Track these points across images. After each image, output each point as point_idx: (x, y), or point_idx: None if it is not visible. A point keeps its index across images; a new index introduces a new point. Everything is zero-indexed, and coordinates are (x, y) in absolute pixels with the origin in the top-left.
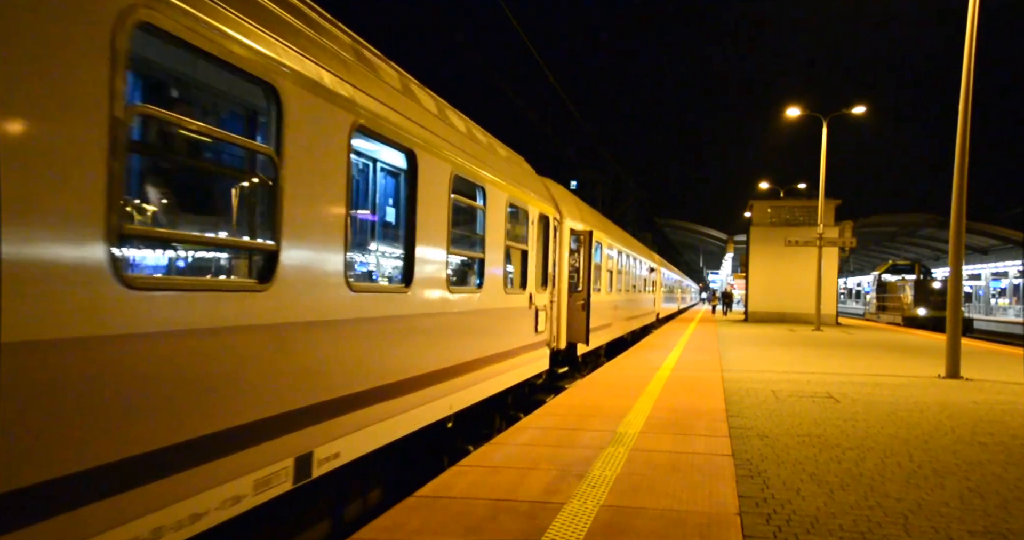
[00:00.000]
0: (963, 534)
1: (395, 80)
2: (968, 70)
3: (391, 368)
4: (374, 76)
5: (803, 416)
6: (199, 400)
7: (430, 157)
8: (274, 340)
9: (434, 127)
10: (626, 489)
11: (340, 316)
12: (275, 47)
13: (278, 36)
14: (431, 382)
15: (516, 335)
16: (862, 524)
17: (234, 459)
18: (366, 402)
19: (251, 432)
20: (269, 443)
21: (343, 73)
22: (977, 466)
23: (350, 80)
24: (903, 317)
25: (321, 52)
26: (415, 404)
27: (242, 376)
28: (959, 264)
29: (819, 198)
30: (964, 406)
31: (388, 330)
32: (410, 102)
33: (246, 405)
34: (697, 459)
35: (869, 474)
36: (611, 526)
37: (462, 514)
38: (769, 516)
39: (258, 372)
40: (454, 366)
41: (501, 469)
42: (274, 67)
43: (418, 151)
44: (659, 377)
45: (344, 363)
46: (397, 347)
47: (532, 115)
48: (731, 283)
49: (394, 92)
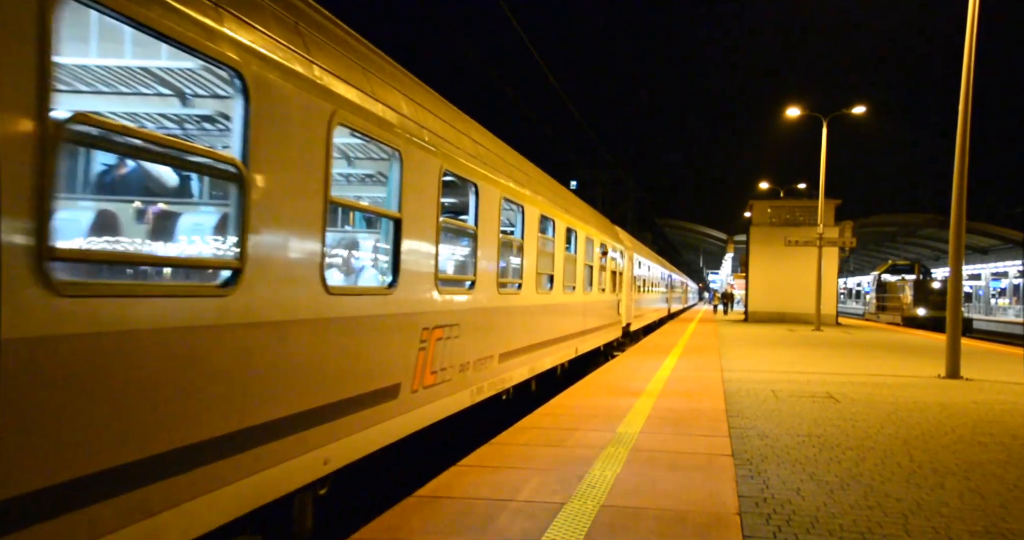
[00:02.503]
0: (963, 534)
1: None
2: (968, 70)
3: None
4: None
5: (803, 416)
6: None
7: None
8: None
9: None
10: (626, 489)
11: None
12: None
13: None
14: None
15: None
16: (862, 524)
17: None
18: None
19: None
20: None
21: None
22: (977, 466)
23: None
24: (903, 317)
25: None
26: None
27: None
28: (959, 264)
29: (819, 198)
30: (964, 406)
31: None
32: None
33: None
34: (697, 459)
35: (869, 474)
36: (611, 526)
37: (462, 514)
38: (769, 516)
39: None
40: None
41: (501, 469)
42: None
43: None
44: (659, 377)
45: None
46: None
47: (532, 115)
48: (731, 283)
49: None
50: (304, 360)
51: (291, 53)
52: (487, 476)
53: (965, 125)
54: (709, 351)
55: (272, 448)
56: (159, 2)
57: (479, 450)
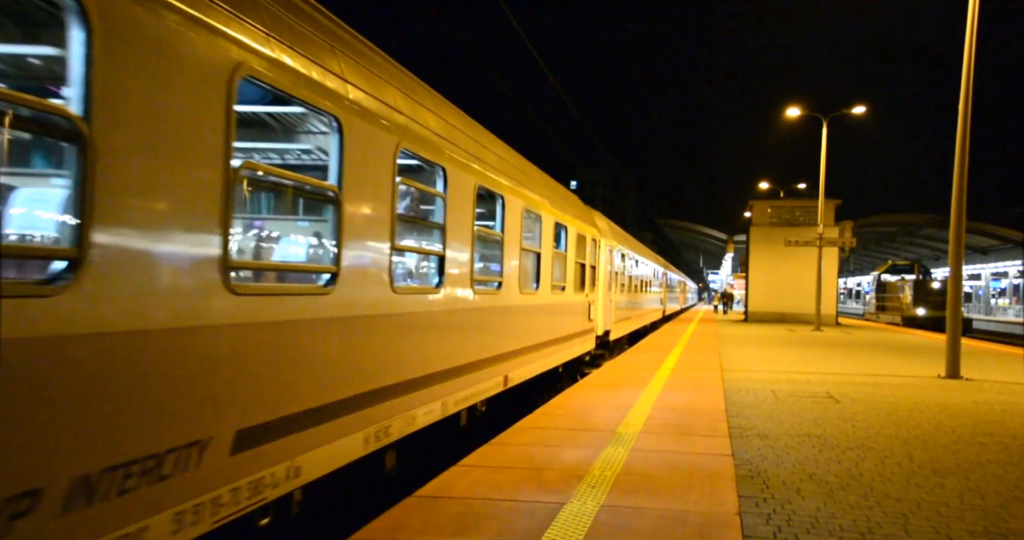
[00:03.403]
0: (963, 534)
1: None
2: (968, 70)
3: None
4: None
5: (803, 416)
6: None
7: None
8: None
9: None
10: (626, 489)
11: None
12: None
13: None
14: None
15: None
16: (862, 524)
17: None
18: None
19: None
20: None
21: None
22: (977, 466)
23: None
24: (902, 317)
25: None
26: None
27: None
28: (959, 264)
29: (819, 198)
30: (964, 406)
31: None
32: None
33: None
34: (697, 459)
35: (869, 474)
36: (611, 526)
37: (462, 514)
38: (769, 516)
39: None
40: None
41: (501, 469)
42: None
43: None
44: (659, 377)
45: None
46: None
47: (532, 115)
48: (731, 283)
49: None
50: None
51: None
52: (487, 476)
53: (965, 125)
54: (709, 351)
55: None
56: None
57: (479, 450)
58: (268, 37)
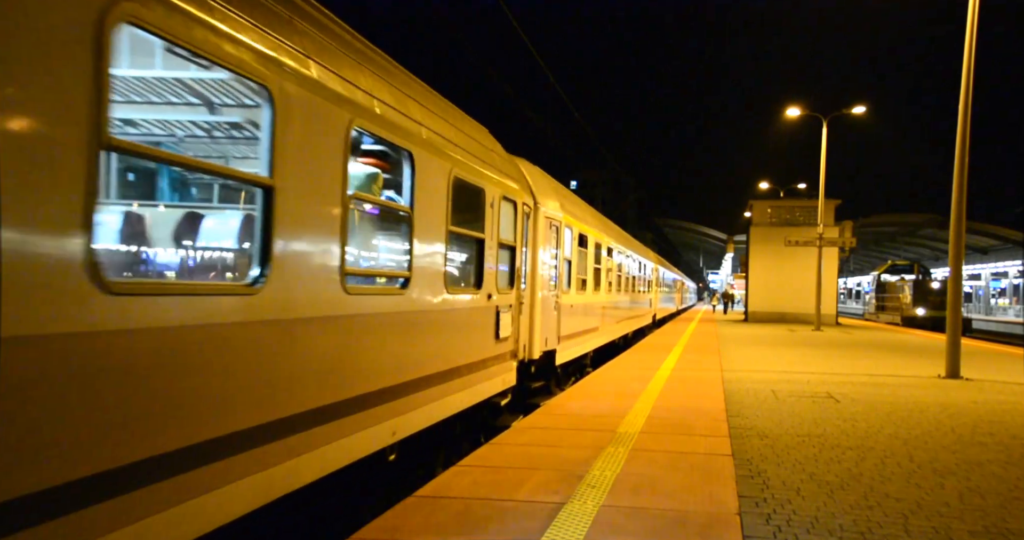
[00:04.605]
0: (963, 534)
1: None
2: (968, 70)
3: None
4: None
5: (803, 416)
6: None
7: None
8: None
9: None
10: (626, 489)
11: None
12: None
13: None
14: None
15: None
16: (862, 524)
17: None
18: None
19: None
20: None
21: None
22: (977, 466)
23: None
24: (902, 317)
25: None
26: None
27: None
28: (959, 264)
29: (819, 198)
30: (964, 406)
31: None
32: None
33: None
34: (697, 459)
35: (869, 474)
36: (611, 526)
37: (462, 514)
38: (769, 516)
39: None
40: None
41: (501, 469)
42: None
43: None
44: (659, 377)
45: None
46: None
47: (532, 115)
48: (731, 283)
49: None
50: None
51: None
52: (487, 476)
53: (965, 125)
54: (709, 351)
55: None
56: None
57: (479, 450)
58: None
